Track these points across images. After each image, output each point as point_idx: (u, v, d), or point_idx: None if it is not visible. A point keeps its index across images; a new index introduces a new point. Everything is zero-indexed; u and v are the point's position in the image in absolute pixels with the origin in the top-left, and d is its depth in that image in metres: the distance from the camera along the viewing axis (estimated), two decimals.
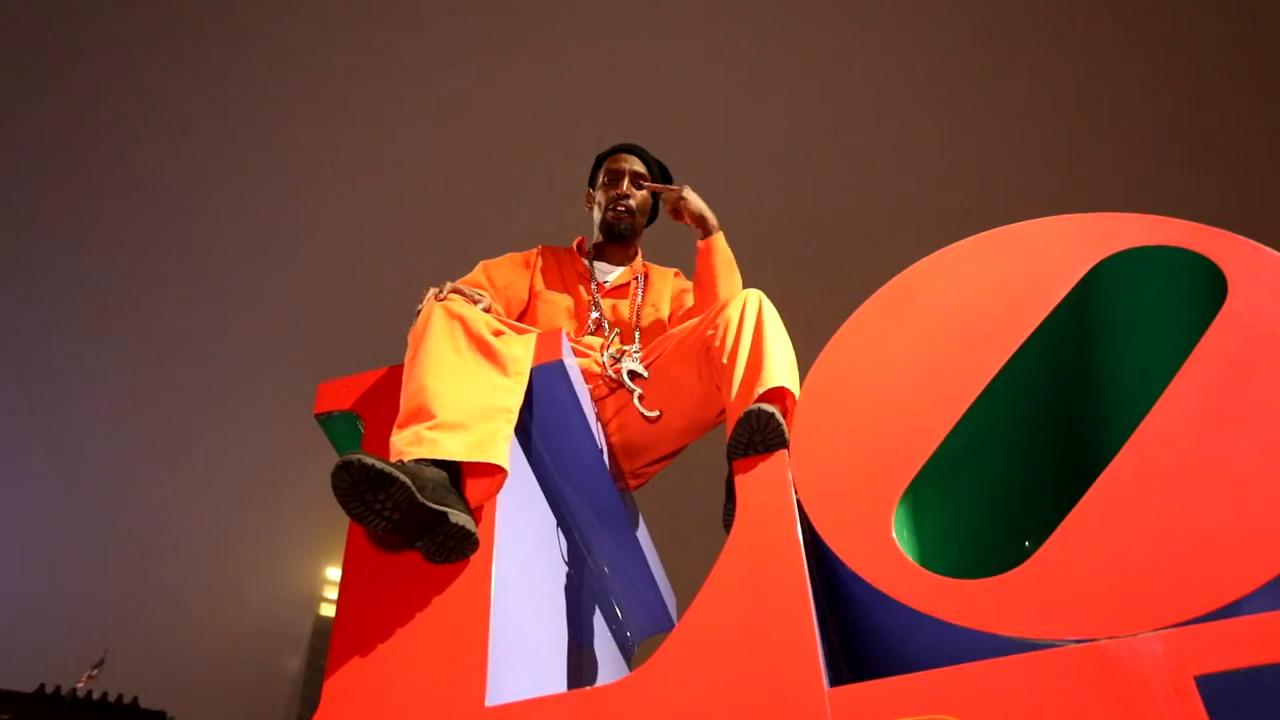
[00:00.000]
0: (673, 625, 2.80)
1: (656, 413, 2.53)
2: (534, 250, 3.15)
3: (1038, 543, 1.73)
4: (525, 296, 2.97)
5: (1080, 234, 2.17)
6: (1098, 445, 2.13)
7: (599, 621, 2.55)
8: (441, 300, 2.27)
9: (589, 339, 2.79)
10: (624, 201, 3.11)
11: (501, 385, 2.12)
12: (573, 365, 2.30)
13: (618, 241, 3.12)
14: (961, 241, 2.32)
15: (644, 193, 3.15)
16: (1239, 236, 2.02)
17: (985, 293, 2.16)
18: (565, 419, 2.30)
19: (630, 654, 2.75)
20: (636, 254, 3.19)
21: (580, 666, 2.32)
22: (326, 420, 2.29)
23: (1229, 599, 1.53)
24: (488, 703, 1.74)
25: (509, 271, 3.01)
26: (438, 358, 2.12)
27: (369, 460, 1.78)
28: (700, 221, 2.87)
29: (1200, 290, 1.99)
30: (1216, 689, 1.40)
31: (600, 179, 3.20)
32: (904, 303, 2.24)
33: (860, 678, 1.72)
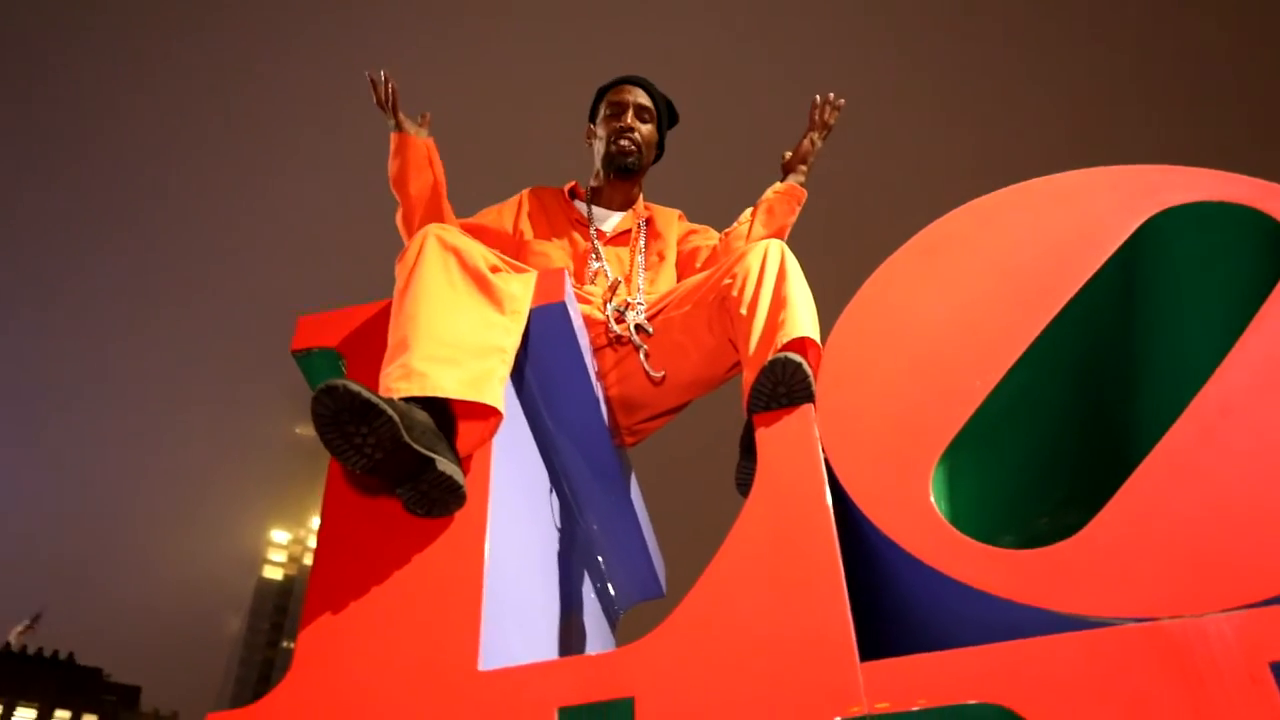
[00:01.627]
0: (661, 593, 2.65)
1: (661, 373, 2.38)
2: (519, 195, 2.95)
3: (1054, 518, 1.60)
4: (514, 247, 2.77)
5: (1130, 187, 2.03)
6: (1140, 416, 1.99)
7: (587, 585, 2.40)
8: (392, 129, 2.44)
9: (589, 288, 2.61)
10: (629, 134, 2.90)
11: (497, 323, 1.95)
12: (575, 308, 2.13)
13: (622, 176, 2.91)
14: (1002, 190, 2.17)
15: (649, 126, 2.95)
16: None
17: (1029, 245, 2.01)
18: (564, 366, 2.13)
19: (615, 621, 2.60)
20: (639, 196, 2.99)
21: (569, 632, 2.17)
22: (305, 358, 2.09)
23: None
24: (481, 667, 1.58)
25: (494, 222, 2.82)
26: (430, 290, 1.94)
27: (355, 388, 1.60)
28: (807, 167, 2.82)
29: (1262, 251, 1.86)
30: None
31: (601, 112, 2.98)
32: (940, 252, 2.09)
33: (890, 655, 1.57)
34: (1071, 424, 2.14)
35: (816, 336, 2.06)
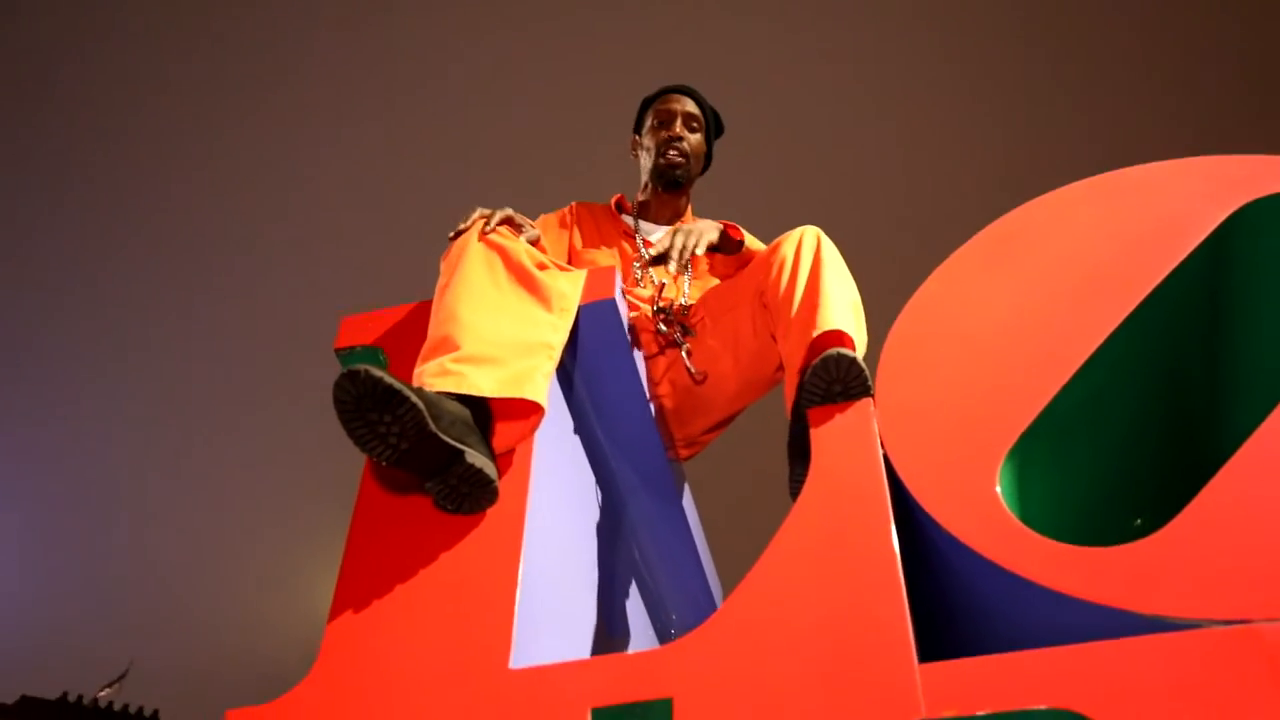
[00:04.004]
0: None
1: (703, 373, 2.29)
2: (568, 208, 2.90)
3: (1147, 521, 1.47)
4: (565, 256, 2.72)
5: (1217, 178, 1.90)
6: (1222, 415, 1.86)
7: (634, 599, 2.30)
8: (489, 231, 2.01)
9: (638, 290, 2.53)
10: (677, 144, 2.81)
11: (544, 320, 1.87)
12: (624, 306, 2.06)
13: (671, 189, 2.83)
14: (1074, 184, 2.06)
15: (698, 136, 2.86)
16: None
17: (1105, 239, 1.90)
18: (613, 366, 2.05)
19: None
20: (687, 208, 2.92)
21: (611, 640, 2.07)
22: (347, 356, 2.05)
23: None
24: (512, 665, 1.49)
25: (549, 231, 2.77)
26: (473, 287, 1.87)
27: (378, 374, 1.53)
28: (721, 249, 2.47)
29: None
30: None
31: (648, 123, 2.90)
32: (1010, 246, 1.98)
33: (951, 658, 1.45)
34: (1152, 426, 2.01)
35: (853, 327, 1.96)
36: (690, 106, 2.87)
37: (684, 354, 2.31)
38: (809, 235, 2.17)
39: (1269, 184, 1.85)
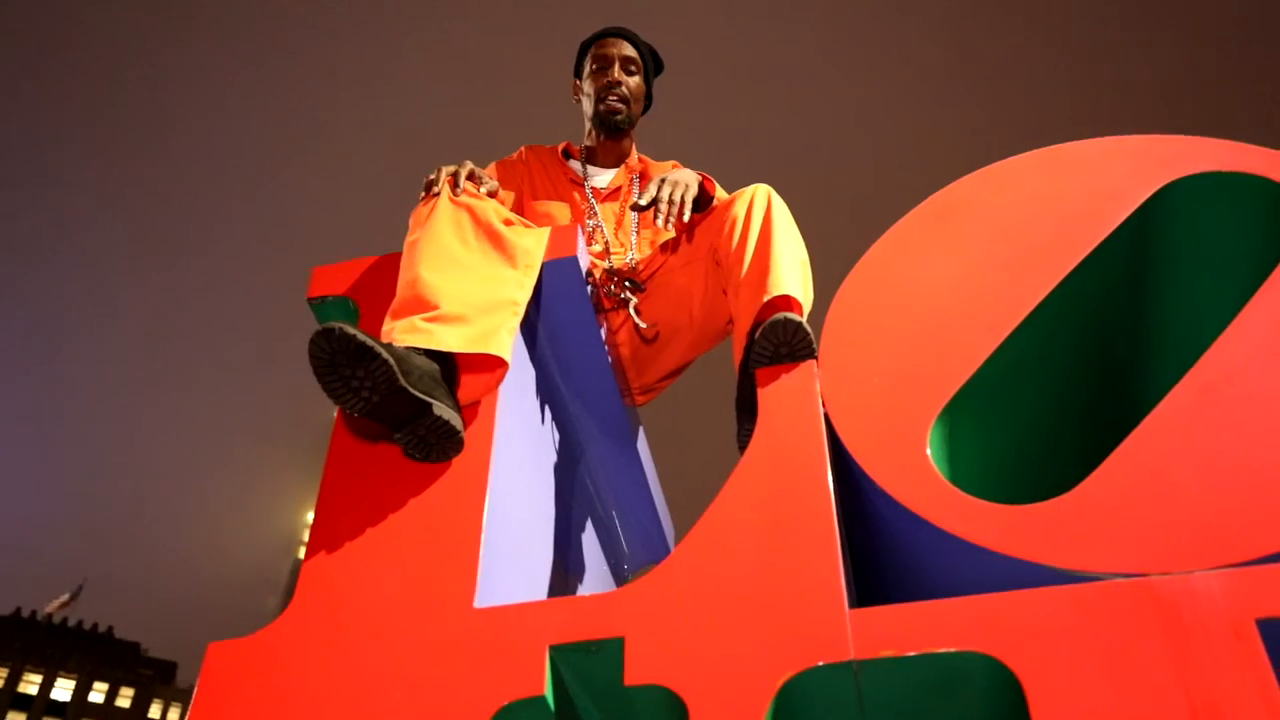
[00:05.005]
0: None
1: (650, 325, 2.40)
2: (518, 153, 2.96)
3: (1072, 482, 1.60)
4: (518, 205, 2.78)
5: (1143, 156, 2.02)
6: (1142, 382, 1.99)
7: (593, 540, 2.42)
8: (459, 188, 2.09)
9: (591, 248, 2.62)
10: (616, 89, 2.88)
11: (509, 277, 1.97)
12: (585, 263, 2.15)
13: (613, 134, 2.91)
14: (1014, 157, 2.16)
15: (636, 78, 2.93)
16: None
17: (1037, 212, 2.01)
18: (574, 321, 2.16)
19: (622, 584, 2.62)
20: (631, 149, 2.99)
21: (571, 581, 2.19)
22: (320, 306, 2.14)
23: None
24: (476, 604, 1.61)
25: (503, 178, 2.83)
26: (440, 246, 1.96)
27: (351, 330, 1.63)
28: (696, 209, 2.45)
29: (1273, 222, 1.85)
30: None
31: (587, 67, 2.96)
32: (949, 217, 2.09)
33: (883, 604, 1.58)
34: (1081, 389, 2.14)
35: (799, 289, 2.05)
36: (627, 49, 2.92)
37: (632, 312, 2.40)
38: (760, 194, 2.25)
39: (1191, 164, 1.96)
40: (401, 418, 1.74)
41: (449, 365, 1.82)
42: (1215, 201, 1.95)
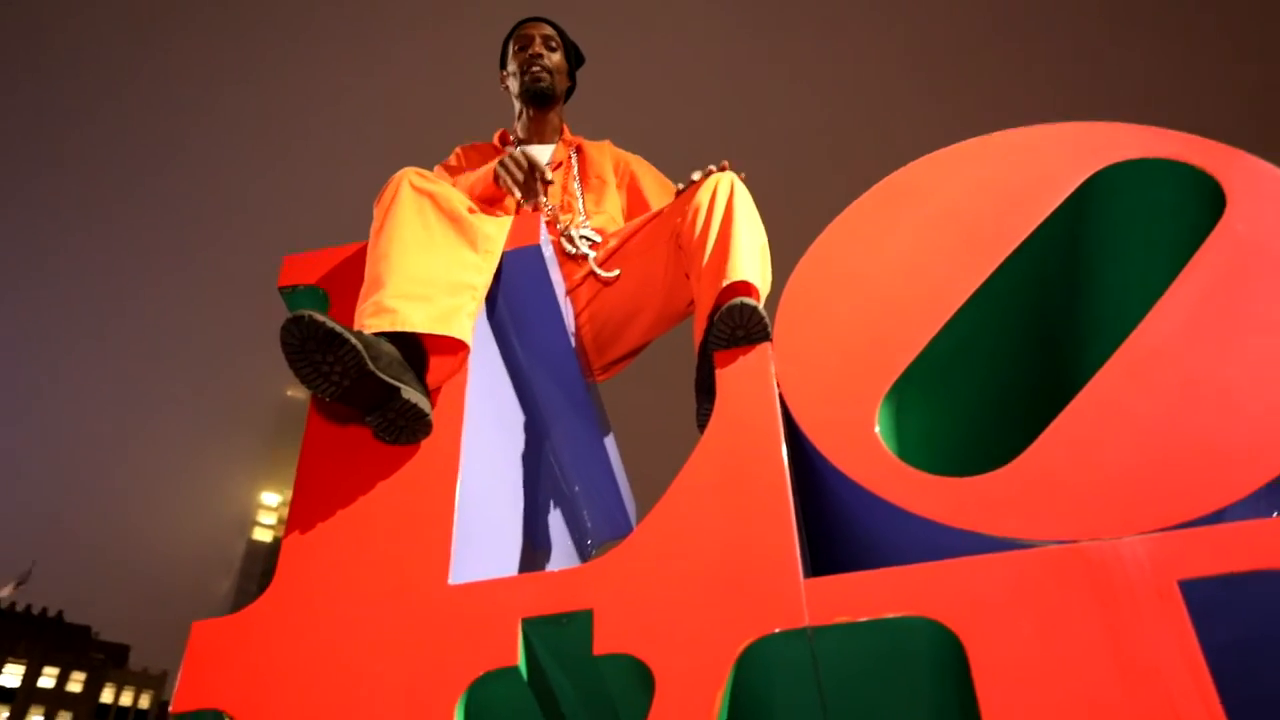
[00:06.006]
0: (631, 529, 2.75)
1: (616, 271, 2.49)
2: (454, 154, 3.05)
3: (1016, 454, 1.70)
4: None
5: (1078, 143, 2.13)
6: (1080, 359, 2.10)
7: (559, 516, 2.51)
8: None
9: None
10: (539, 60, 3.03)
11: (470, 261, 2.04)
12: (549, 251, 2.23)
13: (541, 103, 3.03)
14: (957, 144, 2.26)
15: (558, 54, 3.07)
16: (1238, 150, 1.99)
17: (979, 197, 2.11)
18: (538, 306, 2.23)
19: (587, 556, 2.71)
20: (562, 124, 3.11)
21: (539, 556, 2.27)
22: (291, 295, 2.20)
23: (1214, 506, 1.51)
24: (450, 580, 1.69)
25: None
26: (404, 231, 2.04)
27: (320, 318, 1.71)
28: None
29: (1197, 205, 1.96)
30: (1199, 593, 1.38)
31: (510, 50, 3.12)
32: (896, 202, 2.18)
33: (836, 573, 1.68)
34: (1024, 366, 2.25)
35: (758, 275, 2.13)
36: (546, 29, 3.09)
37: (592, 263, 2.51)
38: (724, 182, 2.33)
39: (1124, 150, 2.07)
40: (372, 402, 1.81)
41: (417, 351, 1.90)
42: (1144, 186, 2.06)
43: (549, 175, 2.33)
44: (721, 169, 2.38)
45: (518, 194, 2.38)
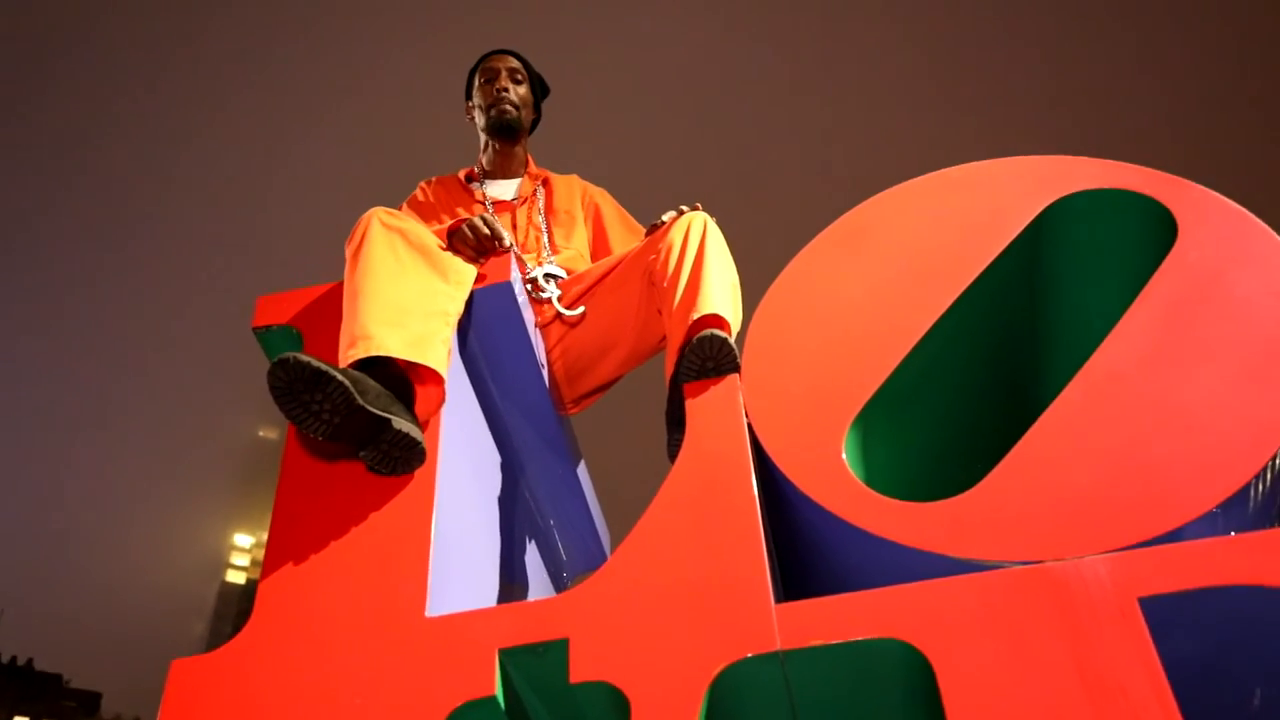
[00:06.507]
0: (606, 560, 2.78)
1: (580, 309, 2.52)
2: (418, 189, 3.09)
3: (980, 477, 1.74)
4: None
5: (1033, 176, 2.19)
6: (1039, 385, 2.15)
7: (533, 549, 2.53)
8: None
9: None
10: (505, 94, 3.06)
11: (441, 290, 2.08)
12: (520, 288, 2.26)
13: (507, 136, 3.06)
14: (917, 179, 2.32)
15: (524, 87, 3.11)
16: (1189, 182, 2.06)
17: (938, 230, 2.17)
18: (509, 343, 2.26)
19: (563, 589, 2.73)
20: (527, 158, 3.14)
21: (515, 589, 2.29)
22: (265, 335, 2.22)
23: (1172, 525, 1.56)
24: (428, 613, 1.71)
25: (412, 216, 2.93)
26: (377, 265, 2.07)
27: (305, 358, 1.73)
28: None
29: (1151, 234, 2.02)
30: (1158, 610, 1.42)
31: (476, 83, 3.15)
32: (859, 235, 2.24)
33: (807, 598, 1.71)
34: (985, 393, 2.30)
35: (729, 310, 2.16)
36: (512, 62, 3.13)
37: (555, 301, 2.54)
38: (697, 222, 2.37)
39: (1076, 182, 2.14)
40: (363, 436, 1.83)
41: (402, 384, 1.92)
42: (1098, 216, 2.13)
43: (508, 242, 2.31)
44: (694, 209, 2.43)
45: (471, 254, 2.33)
